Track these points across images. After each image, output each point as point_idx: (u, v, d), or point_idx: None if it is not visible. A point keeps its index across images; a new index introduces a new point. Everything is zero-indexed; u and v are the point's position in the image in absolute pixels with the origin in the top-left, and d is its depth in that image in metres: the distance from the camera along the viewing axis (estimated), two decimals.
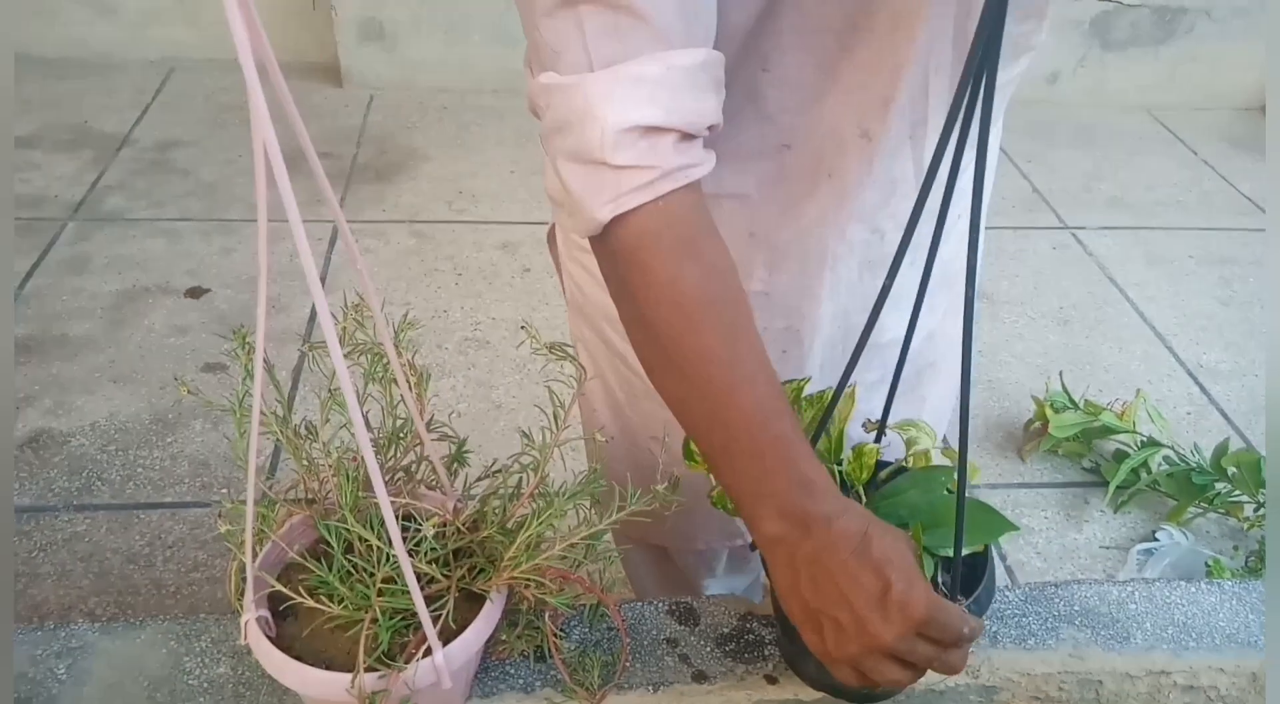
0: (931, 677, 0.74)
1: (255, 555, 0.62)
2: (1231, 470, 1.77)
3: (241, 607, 0.63)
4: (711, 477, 0.73)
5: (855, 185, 0.74)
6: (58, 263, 2.23)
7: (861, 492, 0.69)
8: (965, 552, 0.65)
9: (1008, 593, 0.83)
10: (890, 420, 0.74)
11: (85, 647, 0.73)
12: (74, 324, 2.05)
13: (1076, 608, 0.82)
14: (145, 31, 3.10)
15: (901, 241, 0.61)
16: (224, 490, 1.69)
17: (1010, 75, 0.76)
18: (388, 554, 0.59)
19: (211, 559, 1.56)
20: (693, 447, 0.72)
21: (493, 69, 3.09)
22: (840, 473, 0.70)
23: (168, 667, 0.72)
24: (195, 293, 2.17)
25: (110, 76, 3.03)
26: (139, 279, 2.20)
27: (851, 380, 0.72)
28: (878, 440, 0.75)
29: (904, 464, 0.73)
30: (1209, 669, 0.77)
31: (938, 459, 0.71)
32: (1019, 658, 0.77)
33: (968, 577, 0.64)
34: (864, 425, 0.77)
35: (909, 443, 0.71)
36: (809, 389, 0.73)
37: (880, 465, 0.72)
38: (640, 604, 0.79)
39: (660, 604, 0.79)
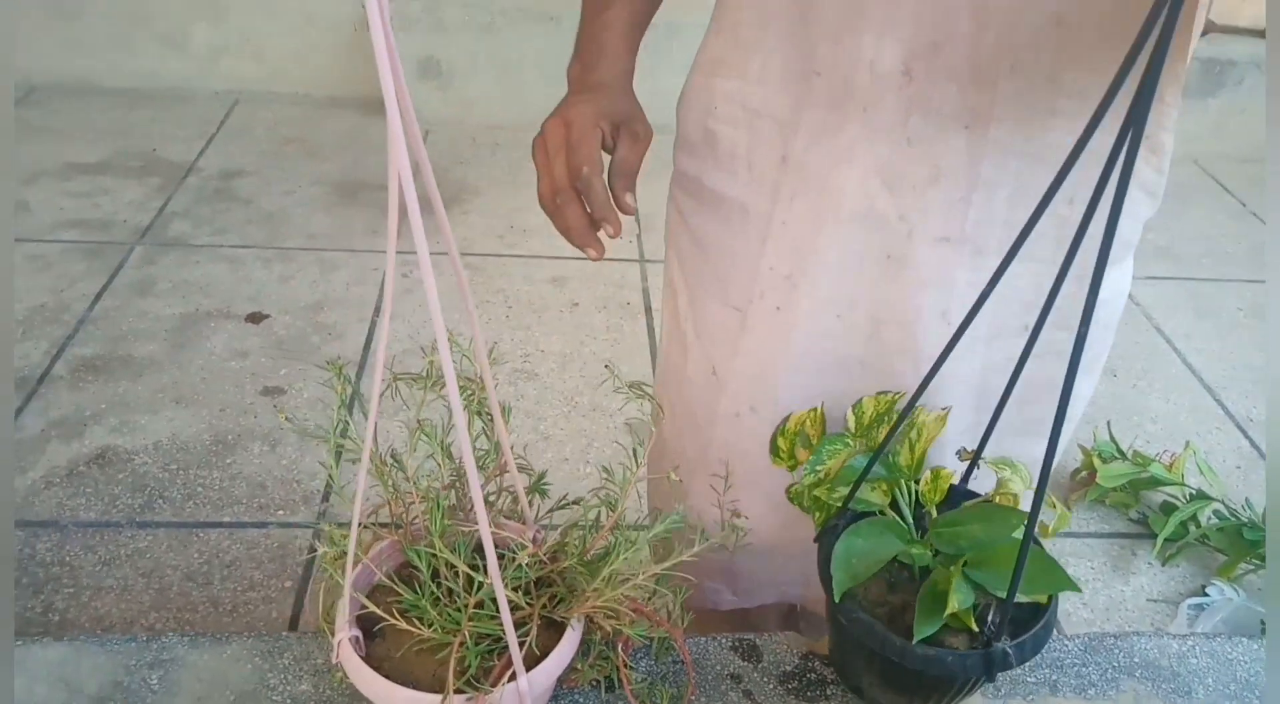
0: None
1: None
2: None
3: (330, 627, 0.66)
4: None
5: (888, 129, 0.72)
6: (125, 285, 2.31)
7: (934, 512, 0.71)
8: (1028, 601, 0.66)
9: (1066, 642, 0.83)
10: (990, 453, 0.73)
11: (175, 659, 0.76)
12: (139, 345, 2.12)
13: (1136, 660, 0.82)
14: (214, 65, 3.23)
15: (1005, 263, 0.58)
16: (280, 512, 1.74)
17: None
18: (477, 581, 0.62)
19: (267, 579, 1.59)
20: (780, 443, 0.74)
21: (546, 106, 3.15)
22: (915, 491, 0.71)
23: (253, 682, 0.75)
24: (255, 318, 2.23)
25: (179, 107, 3.15)
26: (201, 303, 2.27)
27: (937, 404, 0.73)
28: (969, 473, 0.74)
29: (989, 499, 0.73)
30: None
31: (1026, 504, 0.72)
32: None
33: (1026, 622, 0.65)
34: (959, 453, 0.77)
35: (1000, 483, 0.73)
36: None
37: (968, 495, 0.73)
38: (705, 640, 0.81)
39: (724, 640, 0.81)
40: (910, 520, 0.70)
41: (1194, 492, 1.85)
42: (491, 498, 0.76)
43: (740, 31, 0.77)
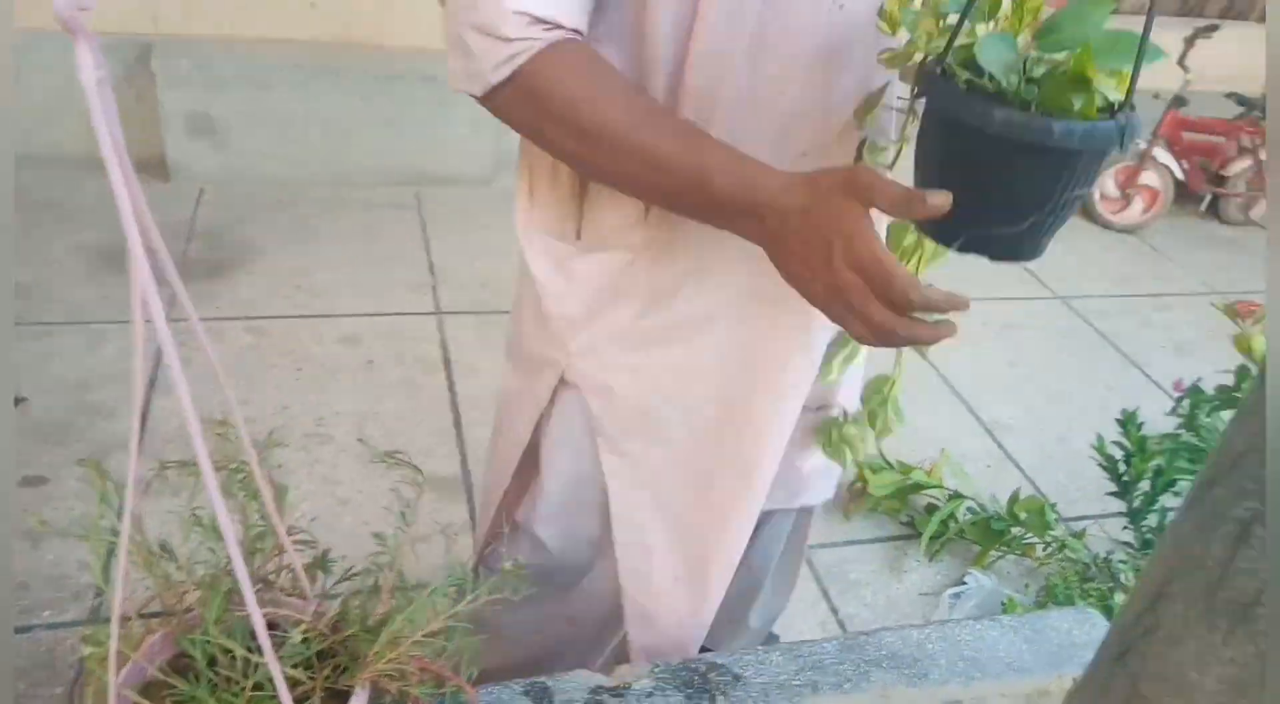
0: None
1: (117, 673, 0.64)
2: (1023, 516, 1.99)
3: None
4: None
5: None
6: None
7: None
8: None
9: (825, 645, 0.94)
10: None
11: None
12: None
13: (884, 652, 0.93)
14: None
15: None
16: (46, 613, 1.60)
17: None
18: (255, 663, 0.63)
19: (34, 689, 1.47)
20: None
21: (330, 162, 3.12)
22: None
23: None
24: (13, 402, 2.05)
25: None
26: None
27: None
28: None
29: None
30: (992, 694, 0.90)
31: None
32: (837, 702, 0.87)
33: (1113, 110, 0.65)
34: None
35: None
36: None
37: None
38: (497, 687, 0.85)
39: (515, 686, 0.85)
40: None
41: (951, 492, 2.07)
42: (272, 576, 0.77)
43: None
